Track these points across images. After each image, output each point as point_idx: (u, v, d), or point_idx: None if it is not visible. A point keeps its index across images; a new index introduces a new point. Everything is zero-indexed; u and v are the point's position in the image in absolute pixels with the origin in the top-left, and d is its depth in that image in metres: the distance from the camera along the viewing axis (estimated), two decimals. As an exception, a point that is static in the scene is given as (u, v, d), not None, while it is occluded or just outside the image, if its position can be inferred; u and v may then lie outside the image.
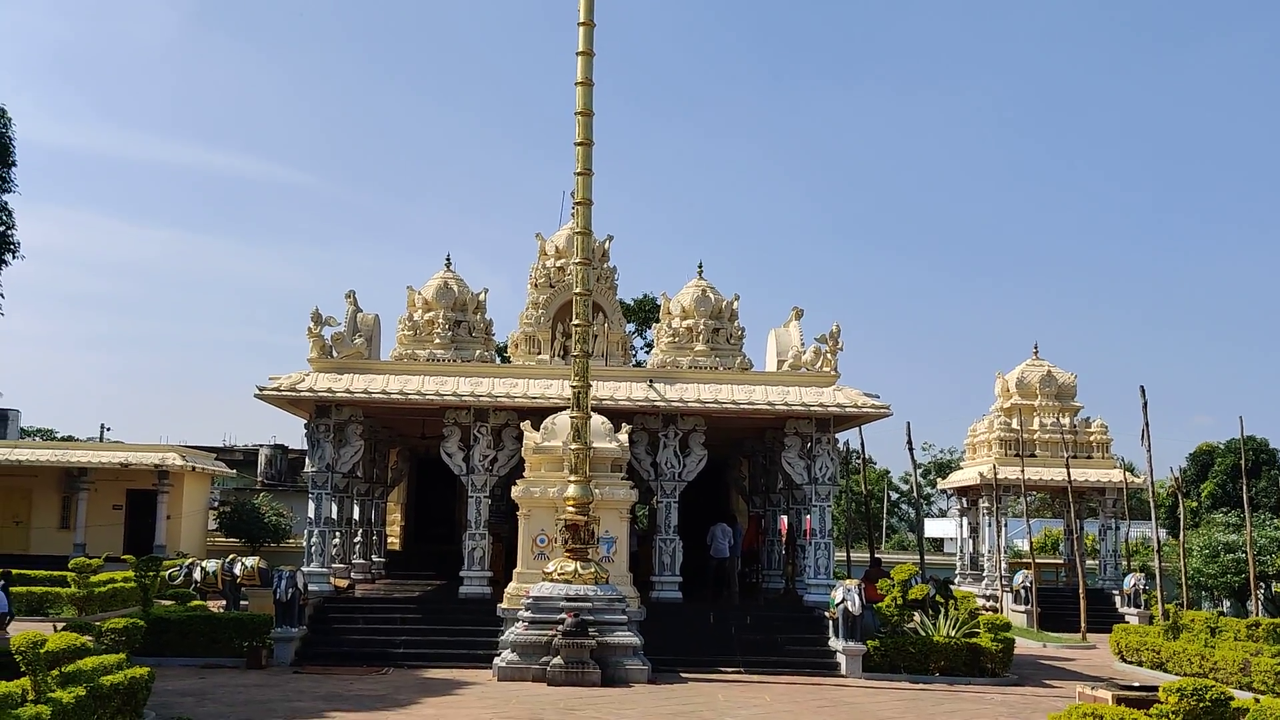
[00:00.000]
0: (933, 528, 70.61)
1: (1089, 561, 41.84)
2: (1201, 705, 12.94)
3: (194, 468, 44.04)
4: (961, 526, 45.85)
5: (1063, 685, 22.61)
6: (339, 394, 25.32)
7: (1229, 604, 42.13)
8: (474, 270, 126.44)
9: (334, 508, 26.87)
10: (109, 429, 66.11)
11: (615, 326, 30.00)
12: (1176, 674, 23.90)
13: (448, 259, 31.06)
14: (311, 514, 25.83)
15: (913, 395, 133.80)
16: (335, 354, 26.38)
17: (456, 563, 26.78)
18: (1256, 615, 33.02)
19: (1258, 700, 13.97)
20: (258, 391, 25.21)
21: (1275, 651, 22.30)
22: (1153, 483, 33.78)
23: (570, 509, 22.39)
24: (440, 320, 29.78)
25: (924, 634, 24.06)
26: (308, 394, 25.22)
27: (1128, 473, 41.70)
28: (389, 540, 35.87)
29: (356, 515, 31.06)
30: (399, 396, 25.43)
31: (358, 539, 31.24)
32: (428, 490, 37.21)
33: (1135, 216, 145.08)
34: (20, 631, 13.58)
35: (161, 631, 22.37)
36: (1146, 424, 31.82)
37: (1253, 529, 36.61)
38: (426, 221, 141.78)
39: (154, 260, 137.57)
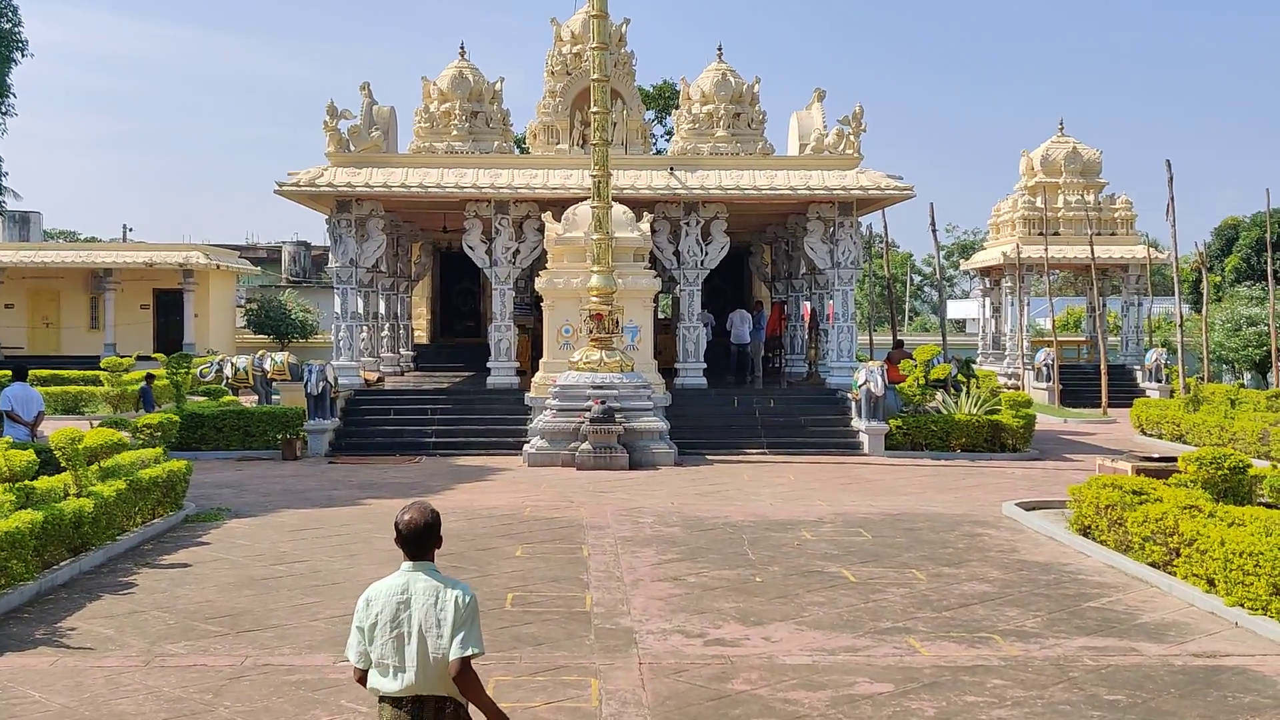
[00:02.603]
0: (955, 309, 70.86)
1: (1110, 338, 42.03)
2: (1220, 473, 13.16)
3: (219, 266, 44.22)
4: (984, 307, 45.96)
5: (1083, 459, 22.97)
6: (358, 188, 25.20)
7: (1250, 376, 42.41)
8: (489, 60, 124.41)
9: (359, 302, 27.05)
10: (131, 229, 66.28)
11: (634, 114, 29.57)
12: (1196, 445, 24.21)
13: (462, 48, 30.52)
14: (337, 309, 26.03)
15: (936, 177, 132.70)
16: (352, 148, 26.13)
17: (483, 355, 27.08)
18: (1277, 387, 33.26)
19: (1276, 467, 14.18)
20: (277, 187, 25.12)
21: (1294, 422, 22.53)
22: (1176, 258, 33.61)
23: (594, 299, 22.48)
24: (457, 111, 29.42)
25: (946, 412, 24.36)
26: (327, 189, 25.12)
27: (1152, 249, 41.48)
28: (415, 334, 36.25)
29: (382, 309, 31.31)
30: (418, 189, 25.29)
31: (385, 333, 31.55)
32: (452, 284, 37.39)
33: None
34: (57, 429, 13.90)
35: (196, 427, 22.84)
36: (1172, 199, 31.52)
37: (1276, 302, 36.56)
38: (439, 10, 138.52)
39: (168, 58, 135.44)
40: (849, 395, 24.31)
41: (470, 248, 26.08)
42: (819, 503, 17.36)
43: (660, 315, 30.20)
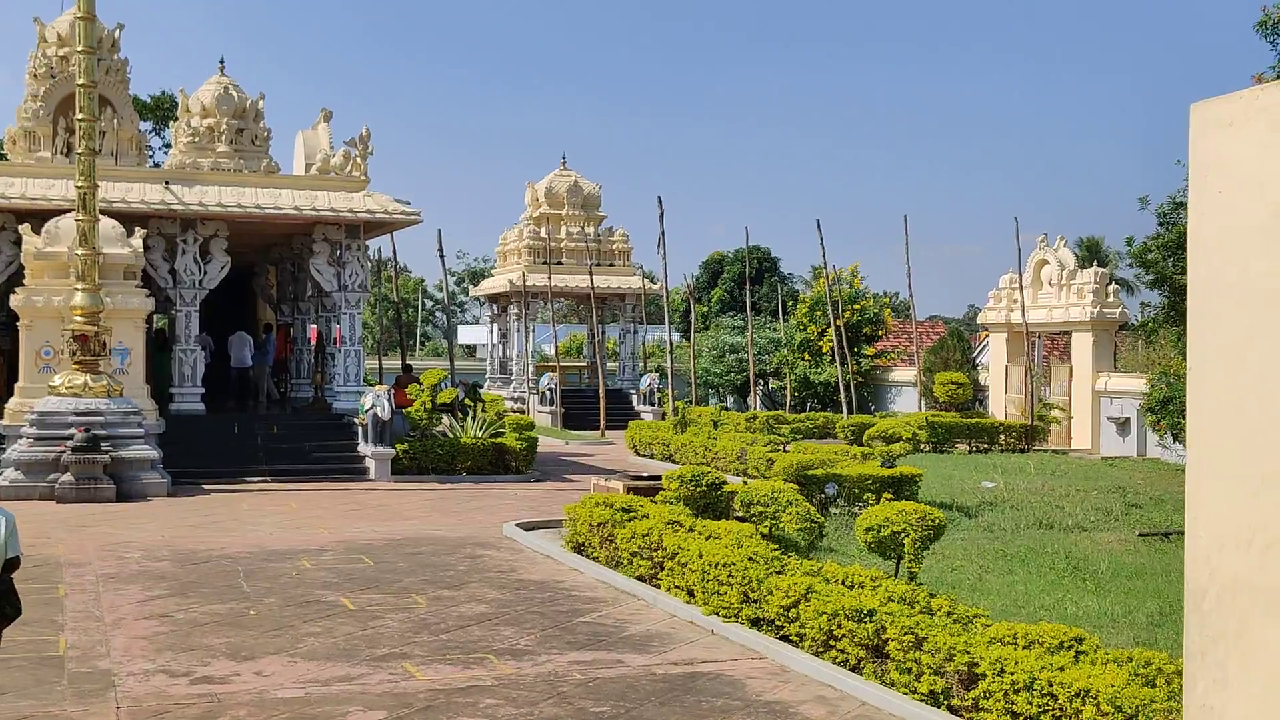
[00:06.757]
0: (466, 334, 71.98)
1: (610, 364, 44.17)
2: (699, 490, 14.12)
3: None
4: (492, 333, 46.99)
5: (581, 479, 23.90)
6: None
7: (732, 400, 45.88)
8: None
9: None
10: None
11: (127, 123, 27.88)
12: (684, 464, 25.81)
13: (-75, 40, 27.64)
14: None
15: (446, 203, 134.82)
16: None
17: (-52, 378, 24.54)
18: (755, 409, 36.23)
19: (746, 483, 15.39)
20: None
21: (767, 441, 24.55)
22: (667, 289, 35.87)
23: (78, 319, 20.95)
24: (-81, 110, 26.60)
25: (452, 436, 24.65)
26: None
27: (647, 280, 44.03)
28: None
29: None
30: None
31: None
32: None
33: (654, 28, 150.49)
34: None
35: None
36: (663, 233, 33.72)
37: (754, 331, 39.87)
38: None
39: None
40: (356, 420, 24.07)
41: (-67, 261, 23.60)
42: (322, 530, 17.04)
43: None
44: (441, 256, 33.17)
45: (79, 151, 21.14)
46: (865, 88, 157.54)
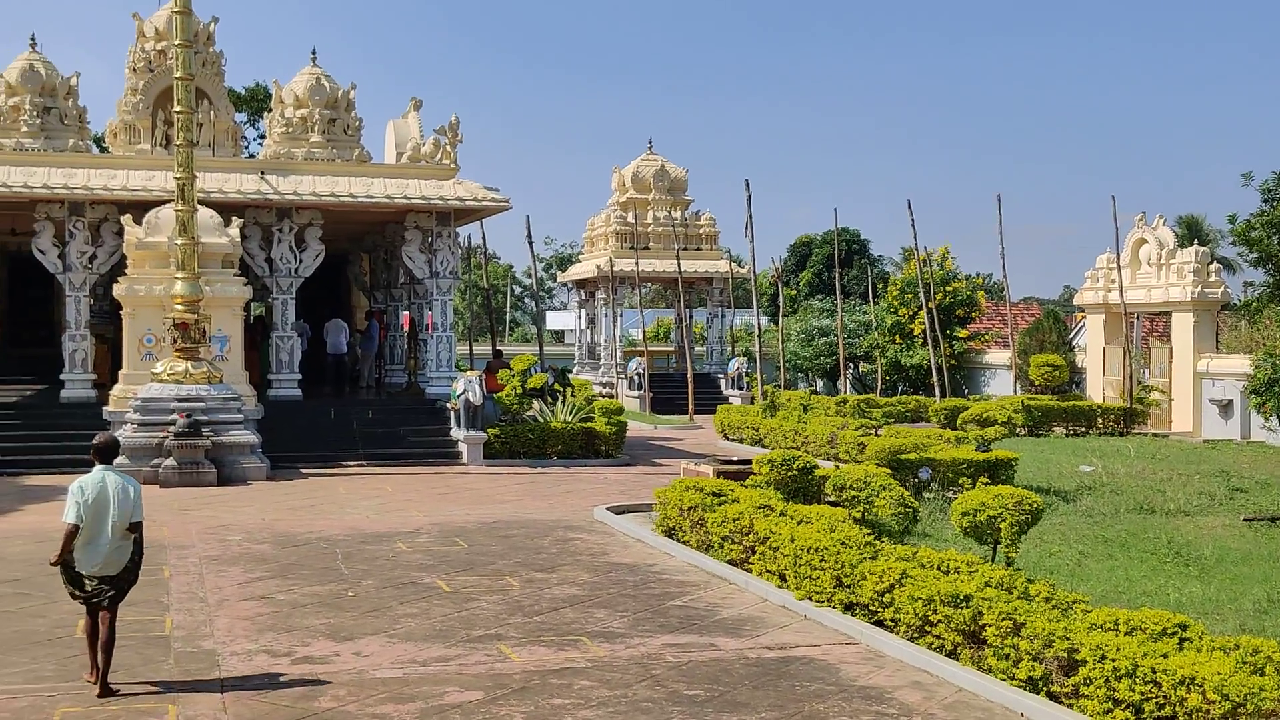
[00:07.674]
0: (554, 320, 72.32)
1: (697, 348, 44.10)
2: (789, 474, 14.08)
3: None
4: (580, 318, 47.16)
5: (670, 463, 23.94)
6: (-93, 185, 22.89)
7: (822, 384, 45.61)
8: (65, 53, 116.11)
9: (-91, 310, 24.58)
10: None
11: (223, 115, 28.35)
12: (773, 448, 25.72)
13: (33, 39, 28.38)
14: (-118, 317, 23.54)
15: (534, 189, 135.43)
16: (-100, 140, 23.70)
17: (56, 366, 25.22)
18: (845, 393, 35.98)
19: (837, 467, 15.31)
20: None
21: (858, 425, 24.36)
22: (755, 273, 35.68)
23: (178, 307, 21.41)
24: (27, 106, 27.29)
25: (542, 421, 24.82)
26: None
27: (734, 263, 43.88)
28: (-21, 344, 33.26)
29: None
30: (-21, 188, 23.23)
31: (-59, 344, 28.79)
32: (21, 291, 34.51)
33: (739, 14, 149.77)
34: None
35: None
36: (750, 216, 33.52)
37: (844, 314, 39.59)
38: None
39: None
40: (448, 405, 24.32)
41: (41, 252, 24.26)
42: (416, 514, 17.27)
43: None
44: (530, 243, 33.37)
45: (177, 143, 21.59)
46: (955, 67, 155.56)
